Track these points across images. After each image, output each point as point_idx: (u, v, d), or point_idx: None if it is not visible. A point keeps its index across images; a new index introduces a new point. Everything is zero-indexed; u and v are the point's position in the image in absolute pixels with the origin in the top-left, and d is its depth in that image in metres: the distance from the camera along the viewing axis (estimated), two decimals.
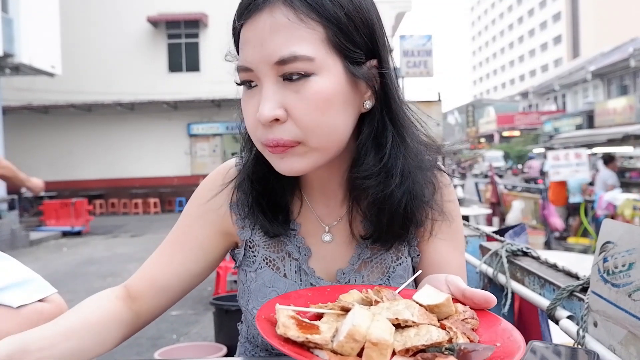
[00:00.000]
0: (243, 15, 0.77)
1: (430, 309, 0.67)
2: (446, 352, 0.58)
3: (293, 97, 0.75)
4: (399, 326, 0.61)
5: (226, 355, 3.79)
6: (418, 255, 0.93)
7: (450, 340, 0.60)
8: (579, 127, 26.75)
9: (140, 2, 18.25)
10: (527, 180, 19.87)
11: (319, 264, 0.92)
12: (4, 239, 10.78)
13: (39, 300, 0.92)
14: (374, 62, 0.81)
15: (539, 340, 0.70)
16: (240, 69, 0.79)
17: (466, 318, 0.67)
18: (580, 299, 1.01)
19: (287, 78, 0.75)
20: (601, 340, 0.83)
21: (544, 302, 1.16)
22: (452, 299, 0.70)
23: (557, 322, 1.06)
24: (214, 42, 18.02)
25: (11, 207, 11.87)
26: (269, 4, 0.75)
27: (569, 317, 1.03)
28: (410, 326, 0.61)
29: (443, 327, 0.63)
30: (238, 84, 0.81)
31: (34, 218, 14.15)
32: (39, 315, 0.88)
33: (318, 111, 0.75)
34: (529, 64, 65.69)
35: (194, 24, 18.63)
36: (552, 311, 1.08)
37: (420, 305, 0.67)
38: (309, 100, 0.75)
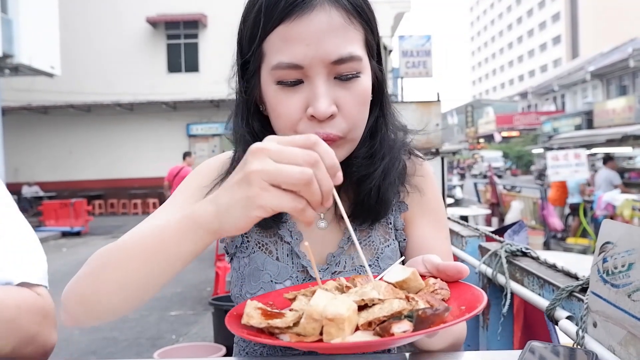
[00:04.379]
0: (288, 10, 0.76)
1: (399, 285, 0.70)
2: (404, 319, 0.60)
3: (344, 94, 0.80)
4: (366, 306, 0.64)
5: (225, 355, 3.79)
6: (404, 239, 0.97)
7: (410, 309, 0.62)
8: (578, 128, 26.75)
9: (139, 3, 18.24)
10: None
11: (311, 249, 0.92)
12: None
13: (25, 284, 0.87)
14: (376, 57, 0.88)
15: (542, 341, 0.70)
16: (288, 66, 0.78)
17: (436, 290, 0.69)
18: (580, 300, 1.01)
19: (340, 77, 0.79)
20: (600, 341, 0.83)
21: (543, 302, 1.16)
22: (429, 275, 0.74)
23: (556, 322, 1.06)
24: (213, 43, 18.03)
25: None
26: (320, 3, 0.77)
27: (568, 318, 1.03)
28: (377, 303, 0.63)
29: (407, 299, 0.65)
30: (278, 82, 0.80)
31: (33, 218, 14.12)
32: (35, 299, 0.86)
33: (363, 107, 0.83)
34: (528, 64, 65.72)
35: (193, 25, 18.62)
36: (552, 311, 1.08)
37: (389, 283, 0.69)
38: (358, 97, 0.81)
